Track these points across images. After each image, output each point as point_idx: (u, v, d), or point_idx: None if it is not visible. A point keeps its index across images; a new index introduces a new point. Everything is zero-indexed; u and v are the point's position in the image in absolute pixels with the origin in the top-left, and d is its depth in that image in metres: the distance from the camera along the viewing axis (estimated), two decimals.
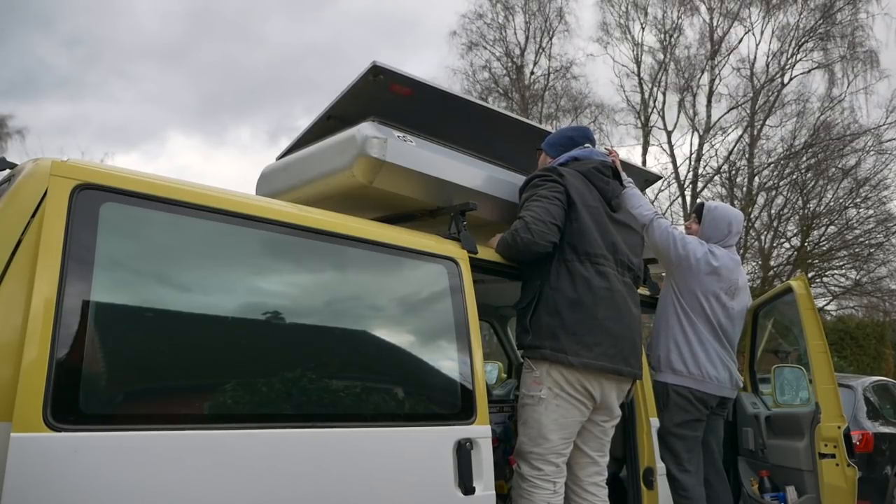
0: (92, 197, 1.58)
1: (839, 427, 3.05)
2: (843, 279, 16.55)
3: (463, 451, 2.03)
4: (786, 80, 16.44)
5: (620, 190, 2.80)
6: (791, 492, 3.34)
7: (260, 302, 1.88)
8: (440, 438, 2.03)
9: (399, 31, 26.48)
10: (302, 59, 29.40)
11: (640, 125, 17.38)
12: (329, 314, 2.04)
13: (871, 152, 15.63)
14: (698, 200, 15.26)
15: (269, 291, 1.93)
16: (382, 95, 2.50)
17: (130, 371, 1.59)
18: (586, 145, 2.75)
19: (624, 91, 17.69)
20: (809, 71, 16.41)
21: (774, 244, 16.48)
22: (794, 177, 15.77)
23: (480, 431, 2.11)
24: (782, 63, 16.29)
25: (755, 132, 16.32)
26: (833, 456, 3.05)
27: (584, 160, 2.67)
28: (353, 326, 2.08)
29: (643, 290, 3.32)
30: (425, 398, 2.18)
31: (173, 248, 1.76)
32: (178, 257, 1.77)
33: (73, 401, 1.44)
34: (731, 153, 16.19)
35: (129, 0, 28.41)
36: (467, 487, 2.01)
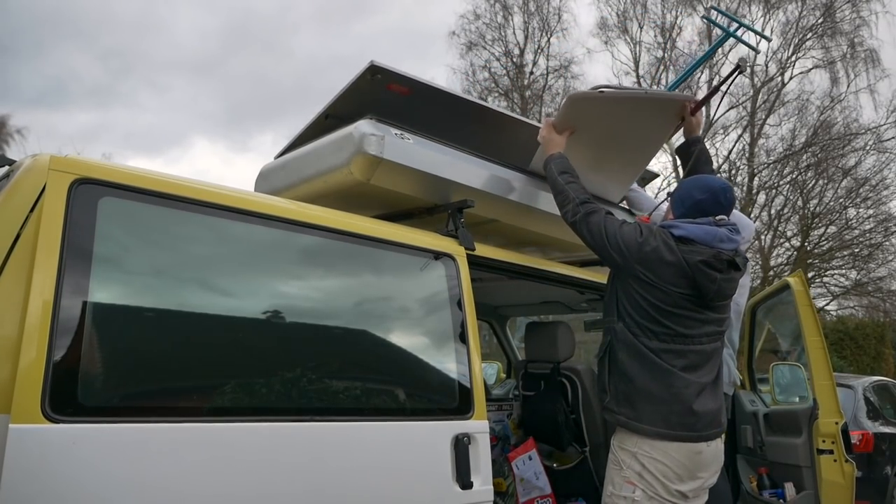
0: (90, 191, 1.59)
1: (837, 423, 3.06)
2: (843, 279, 16.57)
3: (460, 445, 2.04)
4: (786, 78, 16.48)
5: (732, 288, 2.34)
6: (790, 488, 3.35)
7: (257, 297, 1.89)
8: (437, 433, 2.03)
9: (424, 43, 26.92)
10: (327, 69, 30.04)
11: None
12: (326, 309, 2.05)
13: (871, 152, 15.65)
14: None
15: (266, 286, 1.94)
16: (380, 94, 2.51)
17: (128, 364, 1.59)
18: (719, 217, 2.33)
19: None
20: (810, 70, 16.44)
21: (774, 244, 16.48)
22: (794, 176, 15.78)
23: (478, 427, 2.12)
24: (783, 61, 16.31)
25: (755, 131, 16.34)
26: (831, 452, 3.06)
27: (697, 248, 2.25)
28: (351, 322, 2.09)
29: None
30: (422, 393, 2.18)
31: (171, 242, 1.76)
32: (175, 252, 1.78)
33: (72, 393, 1.44)
34: (730, 152, 16.21)
35: (171, 18, 29.37)
36: (465, 482, 2.02)
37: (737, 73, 2.87)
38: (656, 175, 4.09)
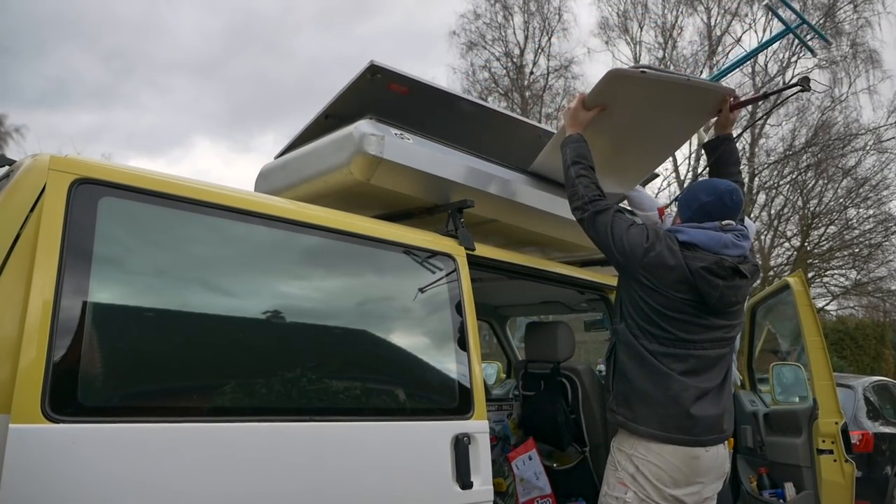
0: (90, 191, 1.59)
1: (837, 423, 3.06)
2: (843, 279, 16.58)
3: (460, 445, 2.04)
4: (787, 78, 16.46)
5: (738, 295, 2.28)
6: (789, 488, 3.35)
7: (257, 297, 1.89)
8: (437, 433, 2.03)
9: (425, 43, 27.03)
10: (328, 70, 30.24)
11: None
12: (326, 309, 2.05)
13: (871, 152, 15.67)
14: None
15: (266, 287, 1.94)
16: (380, 94, 2.51)
17: (128, 364, 1.59)
18: (726, 222, 2.29)
19: None
20: (810, 70, 16.43)
21: (774, 244, 16.49)
22: (794, 176, 15.79)
23: (478, 427, 2.12)
24: (783, 61, 16.31)
25: (755, 131, 16.33)
26: (831, 452, 3.06)
27: (700, 254, 2.22)
28: (351, 322, 2.09)
29: None
30: (422, 393, 2.18)
31: (171, 242, 1.77)
32: (175, 252, 1.78)
33: (72, 393, 1.44)
34: None
35: (173, 19, 29.63)
36: (465, 482, 2.02)
37: (797, 89, 2.71)
38: (656, 175, 4.09)
